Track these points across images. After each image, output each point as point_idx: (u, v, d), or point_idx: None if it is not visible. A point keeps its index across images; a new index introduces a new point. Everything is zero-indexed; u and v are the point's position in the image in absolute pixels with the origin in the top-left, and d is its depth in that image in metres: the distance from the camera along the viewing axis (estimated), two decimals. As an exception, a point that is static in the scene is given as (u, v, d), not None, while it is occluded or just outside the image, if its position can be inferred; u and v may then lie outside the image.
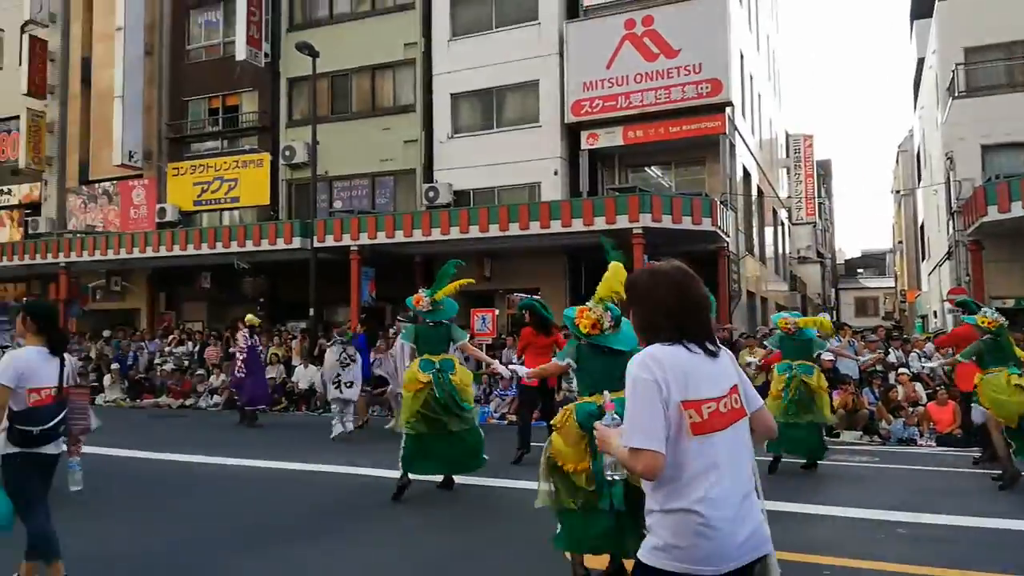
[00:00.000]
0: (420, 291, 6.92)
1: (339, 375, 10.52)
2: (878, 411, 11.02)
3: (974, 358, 7.53)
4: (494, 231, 15.38)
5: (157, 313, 22.16)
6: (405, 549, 5.30)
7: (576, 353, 4.53)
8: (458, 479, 7.06)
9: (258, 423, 12.42)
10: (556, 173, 17.86)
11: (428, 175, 19.01)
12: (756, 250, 21.39)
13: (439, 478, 6.98)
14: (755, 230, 21.48)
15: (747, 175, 20.27)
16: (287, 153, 20.07)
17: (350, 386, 10.59)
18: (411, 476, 6.67)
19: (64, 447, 4.40)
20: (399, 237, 16.33)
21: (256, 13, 20.40)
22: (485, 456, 6.85)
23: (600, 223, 14.51)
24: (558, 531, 4.34)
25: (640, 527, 2.96)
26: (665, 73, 17.00)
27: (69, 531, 4.42)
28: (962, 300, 8.50)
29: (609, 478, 2.33)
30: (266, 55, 20.62)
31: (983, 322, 7.42)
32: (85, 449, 9.09)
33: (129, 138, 21.65)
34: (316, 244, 16.87)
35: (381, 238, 16.50)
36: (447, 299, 6.89)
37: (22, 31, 23.06)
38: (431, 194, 18.20)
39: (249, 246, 17.78)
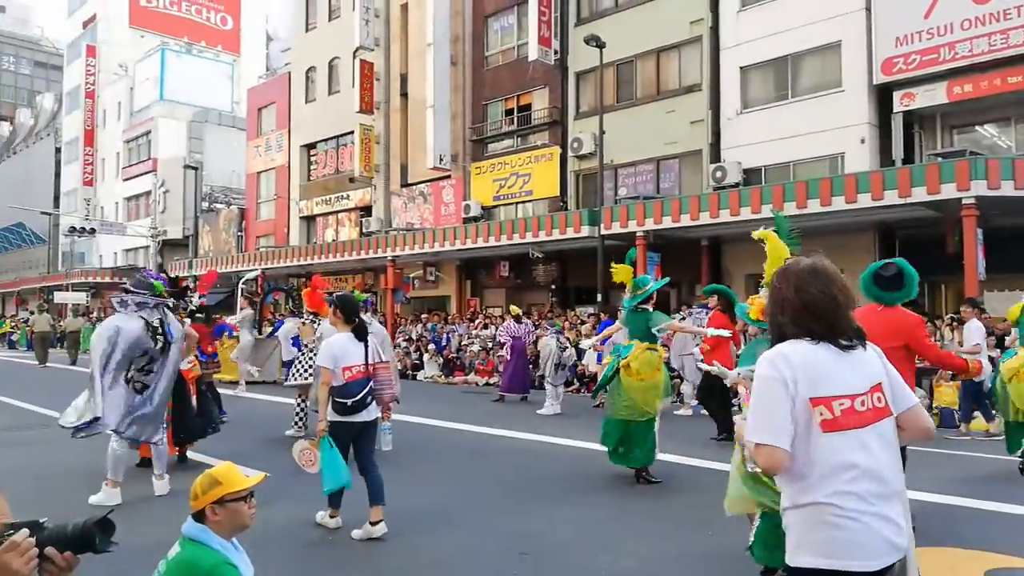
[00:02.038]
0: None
1: (559, 360, 12.10)
2: None
3: None
4: (790, 209, 14.22)
5: (464, 299, 24.38)
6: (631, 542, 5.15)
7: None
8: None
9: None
10: (863, 141, 16.07)
11: (715, 155, 18.30)
12: None
13: None
14: None
15: (1122, 126, 16.38)
16: (575, 145, 20.73)
17: (563, 368, 12.32)
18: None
19: (378, 413, 5.20)
20: (685, 221, 15.95)
21: (546, 12, 21.32)
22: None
23: (920, 194, 12.77)
24: (752, 539, 3.74)
25: None
26: (1002, 15, 14.39)
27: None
28: None
29: (750, 469, 2.39)
30: (555, 52, 21.47)
31: None
32: (407, 419, 10.32)
33: (439, 143, 24.01)
34: (603, 231, 17.17)
35: (667, 223, 16.25)
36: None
37: (354, 56, 26.76)
38: (718, 174, 17.50)
39: (542, 236, 18.70)
